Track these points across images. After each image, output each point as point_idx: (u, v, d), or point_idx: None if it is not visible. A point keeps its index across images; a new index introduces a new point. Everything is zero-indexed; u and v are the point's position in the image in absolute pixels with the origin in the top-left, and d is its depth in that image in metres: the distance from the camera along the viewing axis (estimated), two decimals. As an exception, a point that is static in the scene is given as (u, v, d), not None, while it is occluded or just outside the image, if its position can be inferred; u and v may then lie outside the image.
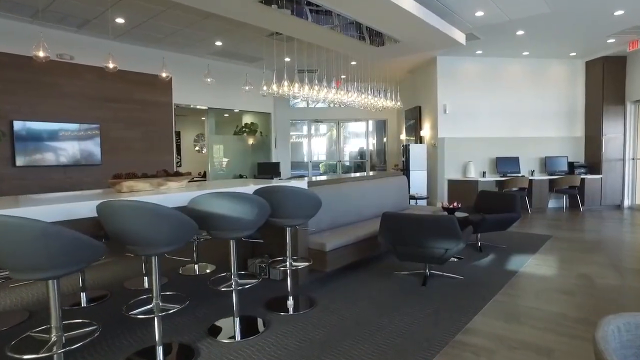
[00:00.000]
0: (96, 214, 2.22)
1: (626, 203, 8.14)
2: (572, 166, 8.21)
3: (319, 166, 12.70)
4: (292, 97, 5.75)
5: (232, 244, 2.76)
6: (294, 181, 4.02)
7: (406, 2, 4.80)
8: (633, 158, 8.09)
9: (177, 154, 10.28)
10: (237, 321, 2.82)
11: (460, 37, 6.23)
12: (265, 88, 5.29)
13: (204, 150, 10.03)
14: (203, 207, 2.49)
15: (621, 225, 6.54)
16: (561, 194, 8.18)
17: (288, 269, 3.22)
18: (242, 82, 5.82)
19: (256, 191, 2.99)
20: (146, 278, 3.88)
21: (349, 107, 7.24)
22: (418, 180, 8.15)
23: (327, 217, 4.23)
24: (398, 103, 7.85)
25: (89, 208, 2.27)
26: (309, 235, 3.85)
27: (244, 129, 9.82)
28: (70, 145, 6.02)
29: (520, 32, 6.49)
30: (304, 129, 12.05)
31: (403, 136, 10.55)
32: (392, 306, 3.19)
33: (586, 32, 6.57)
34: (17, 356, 1.95)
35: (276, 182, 3.74)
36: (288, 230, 3.19)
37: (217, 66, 7.98)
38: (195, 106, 8.11)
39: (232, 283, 2.75)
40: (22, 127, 5.54)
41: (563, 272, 4.02)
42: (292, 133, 11.93)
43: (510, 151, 8.25)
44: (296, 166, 11.71)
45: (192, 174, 9.83)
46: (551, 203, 8.30)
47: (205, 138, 9.45)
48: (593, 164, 8.21)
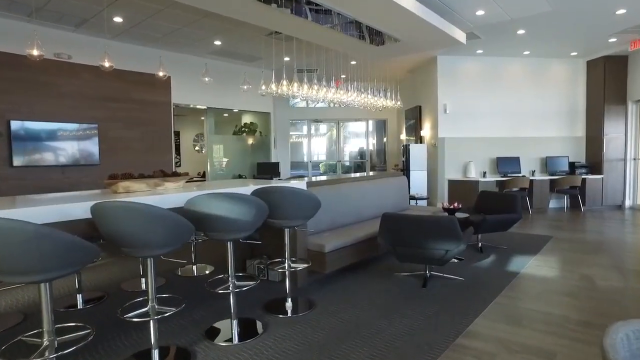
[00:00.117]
0: (91, 215, 2.19)
1: (627, 203, 8.10)
2: (573, 166, 8.17)
3: (319, 166, 12.66)
4: (292, 97, 5.70)
5: (230, 246, 2.72)
6: (293, 181, 3.98)
7: (406, 1, 4.75)
8: (634, 158, 8.05)
9: (177, 154, 10.24)
10: (235, 324, 2.79)
11: (460, 36, 6.18)
12: (264, 87, 5.24)
13: (204, 150, 9.99)
14: (199, 208, 2.45)
15: (623, 225, 6.50)
16: (562, 194, 8.14)
17: (286, 271, 3.19)
18: (241, 82, 5.77)
19: (254, 192, 2.95)
20: (143, 279, 3.84)
21: (349, 107, 7.20)
22: (418, 180, 8.12)
23: (327, 218, 4.19)
24: (398, 103, 7.81)
25: (83, 209, 2.23)
26: (308, 236, 3.81)
27: (243, 129, 9.77)
28: (68, 145, 5.98)
29: (521, 31, 6.45)
30: (304, 129, 12.01)
31: (403, 136, 10.51)
32: (392, 308, 3.15)
33: (587, 31, 6.52)
34: (8, 361, 1.91)
35: (274, 183, 3.70)
36: (286, 231, 3.15)
37: (216, 66, 7.93)
38: (194, 106, 8.06)
39: (230, 285, 2.71)
40: (20, 127, 5.50)
41: (565, 274, 3.98)
42: (292, 133, 11.89)
43: (510, 151, 8.21)
44: (296, 166, 11.67)
45: (192, 174, 9.84)
46: (552, 203, 8.25)
47: (204, 138, 9.41)
48: (594, 164, 8.17)
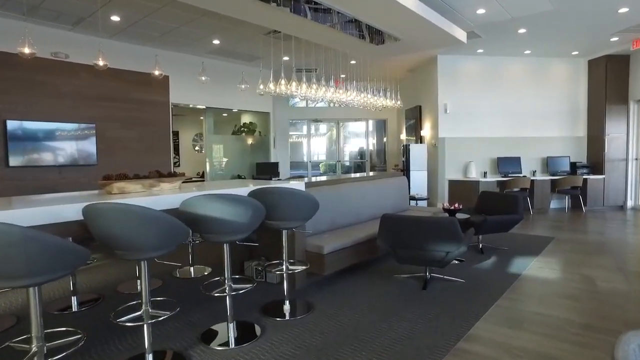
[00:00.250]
0: (83, 217, 2.14)
1: (629, 204, 8.04)
2: (575, 166, 8.11)
3: (319, 166, 12.61)
4: (290, 96, 5.64)
5: (226, 248, 2.67)
6: (291, 182, 3.93)
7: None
8: (636, 158, 7.99)
9: (176, 154, 10.19)
10: (231, 327, 2.73)
11: (461, 36, 6.13)
12: (262, 87, 5.19)
13: (203, 150, 9.94)
14: (194, 210, 2.40)
15: (624, 226, 6.44)
16: (563, 195, 8.08)
17: (284, 273, 3.13)
18: (239, 81, 5.72)
19: (251, 193, 2.90)
20: (140, 281, 3.79)
21: (349, 107, 7.15)
22: (418, 180, 8.07)
23: (326, 219, 4.13)
24: (398, 102, 7.76)
25: (76, 211, 2.18)
26: (307, 237, 3.75)
27: (243, 129, 9.72)
28: (65, 145, 5.93)
29: (522, 30, 6.40)
30: (304, 129, 11.96)
31: (403, 136, 10.46)
32: (392, 311, 3.10)
33: (589, 30, 6.47)
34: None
35: (273, 184, 3.65)
36: (284, 232, 3.10)
37: (215, 65, 7.88)
38: (193, 106, 8.01)
39: (226, 288, 2.66)
40: (16, 127, 5.44)
41: (567, 276, 3.92)
42: (292, 133, 11.84)
43: (511, 151, 8.15)
44: (296, 166, 11.62)
45: (191, 174, 9.78)
46: (553, 204, 8.20)
47: (203, 138, 9.36)
48: (595, 164, 8.11)
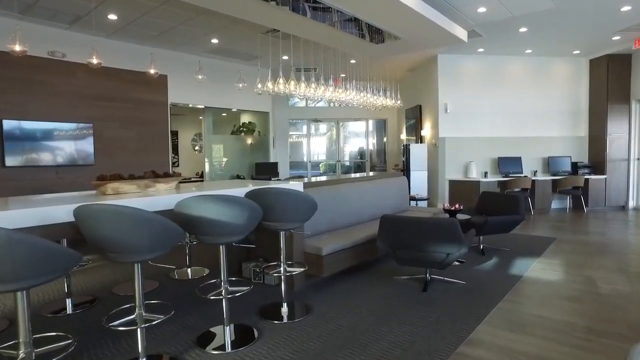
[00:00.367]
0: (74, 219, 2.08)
1: (631, 204, 7.99)
2: (576, 166, 8.06)
3: (319, 166, 12.56)
4: (289, 95, 5.59)
5: (222, 250, 2.61)
6: (289, 183, 3.87)
7: (406, -2, 4.65)
8: (638, 158, 7.93)
9: (175, 154, 10.13)
10: (228, 330, 2.68)
11: (461, 34, 6.08)
12: (260, 86, 5.13)
13: (203, 150, 9.88)
14: (189, 211, 2.34)
15: (626, 227, 6.38)
16: (564, 195, 8.02)
17: (282, 275, 3.08)
18: (237, 80, 5.66)
19: (247, 194, 2.85)
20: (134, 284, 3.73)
21: (349, 107, 7.10)
22: (418, 180, 8.01)
23: (325, 220, 4.08)
24: (398, 102, 7.71)
25: (67, 212, 2.13)
26: (305, 238, 3.70)
27: (242, 129, 9.67)
28: (62, 145, 5.88)
29: (523, 29, 6.34)
30: (304, 129, 11.90)
31: (403, 136, 10.40)
32: (392, 314, 3.04)
33: (591, 29, 6.41)
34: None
35: (272, 184, 3.59)
36: (282, 234, 3.05)
37: (214, 64, 7.83)
38: (191, 105, 7.96)
39: (222, 291, 2.61)
40: (13, 127, 5.40)
41: (569, 277, 3.87)
42: (292, 133, 11.78)
43: (512, 151, 8.10)
44: (296, 166, 11.56)
45: (190, 174, 9.73)
46: (554, 204, 8.14)
47: (203, 138, 9.30)
48: (597, 164, 8.05)
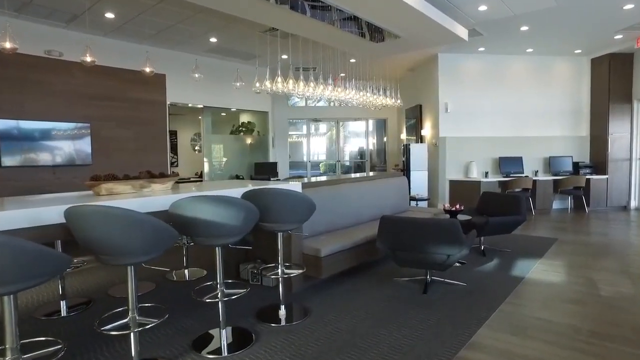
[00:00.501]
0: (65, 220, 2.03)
1: (633, 204, 7.92)
2: (577, 166, 8.00)
3: (319, 166, 12.50)
4: (288, 94, 5.53)
5: (218, 251, 2.56)
6: (288, 183, 3.82)
7: (406, -5, 4.60)
8: (640, 158, 7.88)
9: (174, 154, 10.08)
10: (224, 333, 2.63)
11: (462, 33, 6.02)
12: (257, 85, 5.08)
13: (202, 150, 9.83)
14: (183, 212, 2.29)
15: (628, 227, 6.33)
16: (566, 195, 7.96)
17: (280, 277, 3.03)
18: (234, 79, 5.61)
19: (244, 194, 2.79)
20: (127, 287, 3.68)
21: (349, 106, 7.05)
22: (419, 180, 7.95)
23: (324, 220, 4.03)
24: (398, 101, 7.65)
25: (58, 213, 2.07)
26: (304, 239, 3.65)
27: (241, 128, 9.62)
28: (59, 144, 5.82)
29: (524, 28, 6.28)
30: (304, 128, 11.85)
31: (403, 135, 10.35)
32: (391, 316, 2.99)
33: (593, 28, 6.35)
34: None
35: (269, 185, 3.54)
36: (280, 235, 3.00)
37: (213, 64, 7.78)
38: (190, 105, 7.91)
39: (218, 294, 2.55)
40: (9, 127, 5.34)
41: (571, 279, 3.81)
42: (292, 132, 11.73)
43: (513, 151, 8.04)
44: (296, 166, 11.51)
45: (190, 175, 9.67)
46: (555, 204, 8.08)
47: (202, 137, 9.25)
48: (598, 164, 7.99)
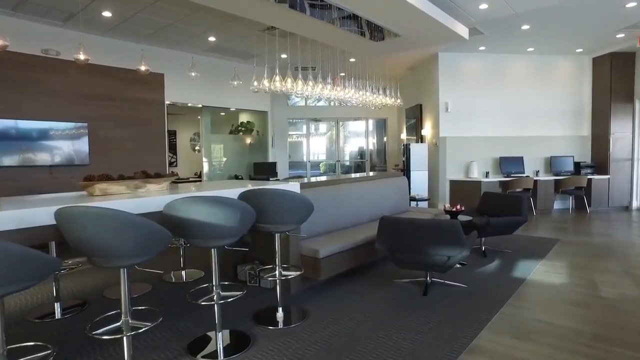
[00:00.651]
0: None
1: (634, 204, 7.87)
2: (579, 166, 7.94)
3: (319, 166, 12.45)
4: (287, 93, 5.48)
5: (214, 253, 2.51)
6: (286, 183, 3.77)
7: (406, -6, 4.55)
8: (642, 158, 7.82)
9: (173, 154, 10.03)
10: (221, 336, 2.58)
11: (463, 32, 5.97)
12: (255, 83, 5.03)
13: (202, 149, 9.78)
14: (178, 213, 2.24)
15: (630, 227, 6.27)
16: (567, 195, 7.91)
17: (277, 279, 2.98)
18: (232, 77, 5.55)
19: (241, 195, 2.74)
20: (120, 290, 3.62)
21: (349, 106, 7.00)
22: (419, 180, 7.90)
23: (323, 221, 3.98)
24: (398, 100, 7.60)
25: (49, 214, 2.02)
26: (302, 240, 3.59)
27: (240, 128, 9.56)
28: (57, 144, 5.77)
29: (525, 27, 6.23)
30: (303, 128, 11.80)
31: (403, 135, 10.29)
32: (391, 319, 2.93)
33: (594, 27, 6.29)
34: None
35: (267, 185, 3.49)
36: (277, 236, 2.94)
37: (212, 63, 7.73)
38: (188, 104, 7.85)
39: (214, 296, 2.50)
40: (6, 126, 5.29)
41: (574, 281, 3.76)
42: (291, 132, 11.67)
43: (514, 151, 7.98)
44: (295, 166, 11.46)
45: (189, 174, 9.61)
46: (557, 204, 8.03)
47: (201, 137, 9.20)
48: (600, 164, 7.94)
